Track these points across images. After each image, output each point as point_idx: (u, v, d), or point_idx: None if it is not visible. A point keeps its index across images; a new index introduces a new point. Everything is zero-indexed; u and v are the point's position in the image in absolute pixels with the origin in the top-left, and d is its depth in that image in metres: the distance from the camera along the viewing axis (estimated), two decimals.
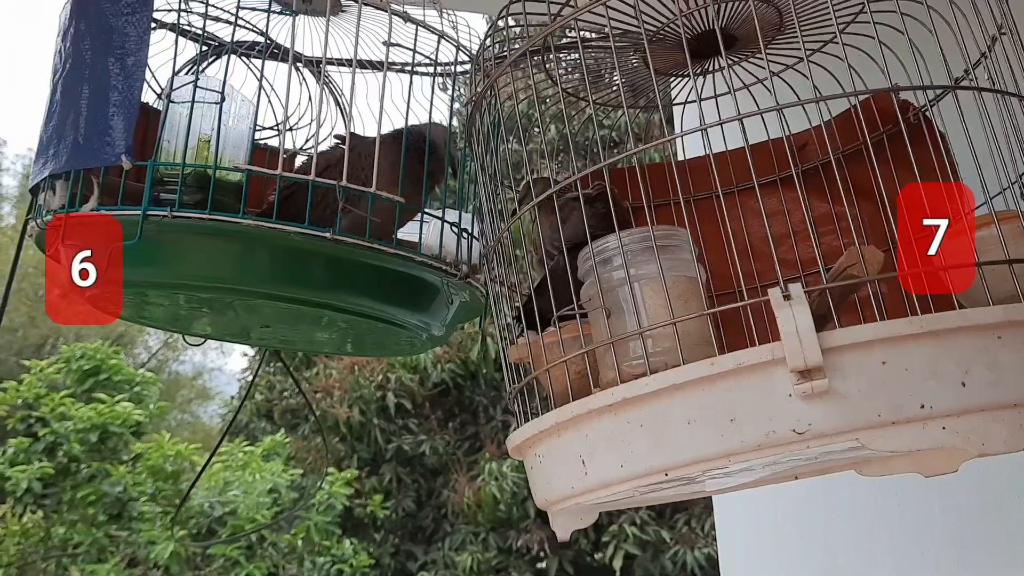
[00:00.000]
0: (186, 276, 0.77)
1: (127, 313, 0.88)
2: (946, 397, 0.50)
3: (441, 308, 0.90)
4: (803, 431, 0.49)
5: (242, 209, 0.75)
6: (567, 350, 0.60)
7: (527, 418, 0.63)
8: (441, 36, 0.91)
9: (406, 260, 0.81)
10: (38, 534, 5.51)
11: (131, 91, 0.78)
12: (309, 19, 0.98)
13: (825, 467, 0.75)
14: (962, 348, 0.51)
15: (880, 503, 1.20)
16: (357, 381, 6.81)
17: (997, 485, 1.05)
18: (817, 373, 0.49)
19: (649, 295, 0.57)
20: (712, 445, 0.50)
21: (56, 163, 0.79)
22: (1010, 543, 1.04)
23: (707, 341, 0.55)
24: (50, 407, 5.63)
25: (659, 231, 0.58)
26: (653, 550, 6.25)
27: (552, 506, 0.61)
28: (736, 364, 0.50)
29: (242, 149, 0.81)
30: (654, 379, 0.51)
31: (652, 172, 0.92)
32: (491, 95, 0.76)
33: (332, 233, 0.75)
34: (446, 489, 6.82)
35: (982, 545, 1.08)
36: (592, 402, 0.54)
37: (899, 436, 0.50)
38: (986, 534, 1.07)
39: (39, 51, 13.51)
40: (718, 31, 0.66)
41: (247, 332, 0.97)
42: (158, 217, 0.72)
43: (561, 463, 0.57)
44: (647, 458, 0.52)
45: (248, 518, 5.76)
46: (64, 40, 0.84)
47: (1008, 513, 1.04)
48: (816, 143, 0.85)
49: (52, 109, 0.82)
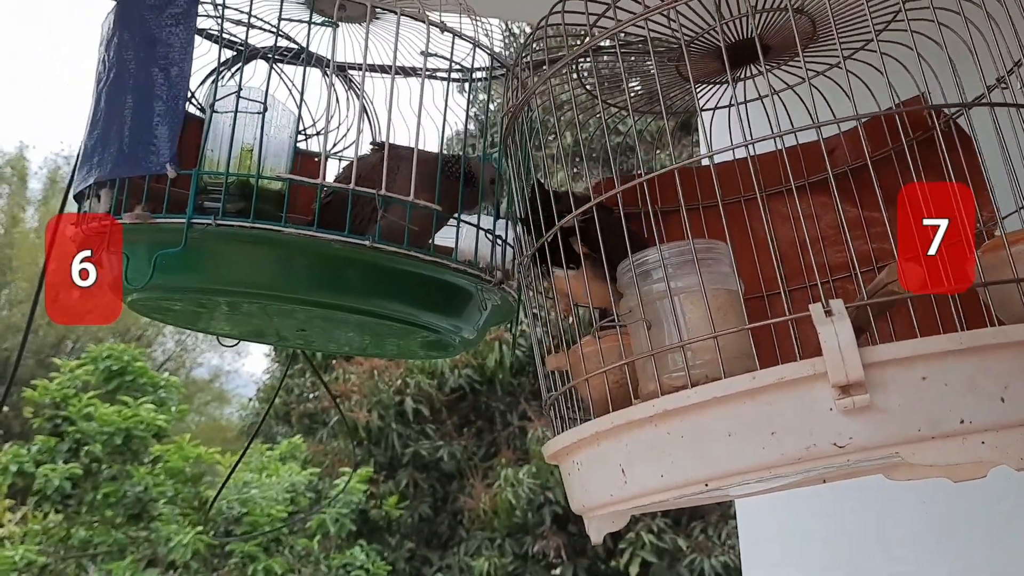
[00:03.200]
0: (229, 282, 0.78)
1: (170, 316, 0.90)
2: (985, 412, 0.50)
3: (474, 312, 0.91)
4: (844, 445, 0.50)
5: (284, 217, 0.76)
6: (606, 360, 0.60)
7: (564, 425, 0.64)
8: (476, 45, 0.92)
9: (442, 267, 0.82)
10: (59, 534, 5.55)
11: (175, 101, 0.79)
12: (344, 27, 0.99)
13: (854, 471, 0.75)
14: (1001, 364, 0.51)
15: (909, 507, 1.20)
16: (376, 386, 6.83)
17: None
18: (858, 388, 0.50)
19: (689, 308, 0.58)
20: (753, 458, 0.51)
21: (101, 171, 0.80)
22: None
23: (747, 354, 0.55)
24: (77, 408, 5.67)
25: (699, 244, 0.58)
26: (669, 558, 6.22)
27: (589, 512, 0.61)
28: (778, 378, 0.51)
29: (283, 158, 0.83)
30: (696, 392, 0.52)
31: (680, 176, 0.93)
32: (527, 105, 0.77)
33: (371, 241, 0.76)
34: (462, 495, 6.82)
35: (1014, 551, 1.07)
36: (633, 413, 0.55)
37: (938, 450, 0.51)
38: (1019, 540, 1.07)
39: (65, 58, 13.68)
40: (757, 39, 0.67)
41: (280, 334, 0.99)
42: (202, 225, 0.74)
43: (600, 471, 0.58)
44: (687, 469, 0.52)
45: (264, 514, 5.79)
46: (108, 49, 0.86)
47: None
48: (845, 148, 0.85)
49: (96, 117, 0.84)
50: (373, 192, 0.76)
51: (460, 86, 0.99)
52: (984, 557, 1.10)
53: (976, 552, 1.11)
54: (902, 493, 1.12)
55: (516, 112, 0.77)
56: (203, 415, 12.25)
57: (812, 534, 1.40)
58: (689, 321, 0.58)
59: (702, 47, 0.81)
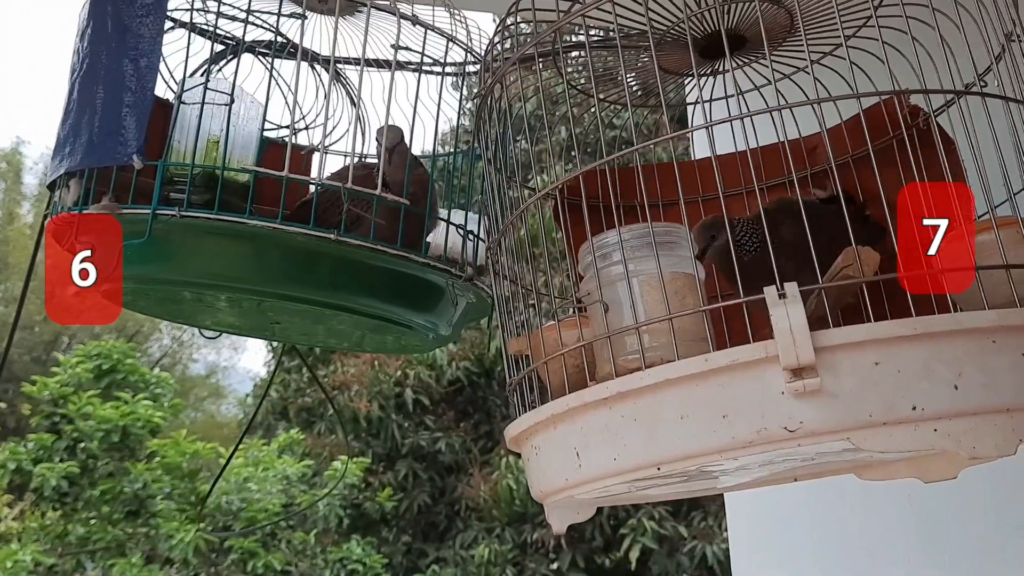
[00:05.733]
0: (194, 274, 0.78)
1: (145, 306, 0.90)
2: (938, 399, 0.50)
3: (447, 308, 0.91)
4: (794, 429, 0.50)
5: (249, 209, 0.76)
6: (564, 344, 0.60)
7: (526, 410, 0.64)
8: (451, 39, 0.92)
9: (409, 262, 0.82)
10: (56, 531, 5.56)
11: (144, 92, 0.80)
12: (326, 19, 0.99)
13: (823, 470, 0.75)
14: (955, 351, 0.51)
15: (895, 503, 1.20)
16: (376, 377, 6.85)
17: (1006, 487, 1.04)
18: (810, 371, 0.50)
19: (646, 290, 0.58)
20: (704, 441, 0.51)
21: (72, 161, 0.81)
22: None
23: (703, 338, 0.56)
24: (77, 406, 5.67)
25: (659, 227, 0.58)
26: (669, 546, 6.24)
27: (547, 498, 0.61)
28: (730, 360, 0.51)
29: (250, 150, 0.83)
30: (648, 373, 0.52)
31: (661, 172, 0.92)
32: (499, 92, 0.77)
33: (336, 234, 0.76)
34: (461, 484, 6.83)
35: (996, 545, 1.07)
36: (587, 395, 0.55)
37: (890, 437, 0.50)
38: (1000, 535, 1.07)
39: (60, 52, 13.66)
40: (723, 33, 0.67)
41: (260, 328, 0.99)
42: (167, 216, 0.74)
43: (556, 455, 0.58)
44: (639, 452, 0.52)
45: (260, 508, 5.80)
46: (82, 40, 0.86)
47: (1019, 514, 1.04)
48: (827, 146, 0.85)
49: (69, 108, 0.84)
50: (338, 185, 0.76)
51: (453, 80, 0.99)
52: (971, 550, 1.11)
53: (964, 547, 1.12)
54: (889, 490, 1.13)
55: (486, 97, 0.77)
56: (199, 411, 12.25)
57: (799, 530, 1.41)
58: (646, 304, 0.58)
59: (679, 38, 0.80)
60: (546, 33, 0.70)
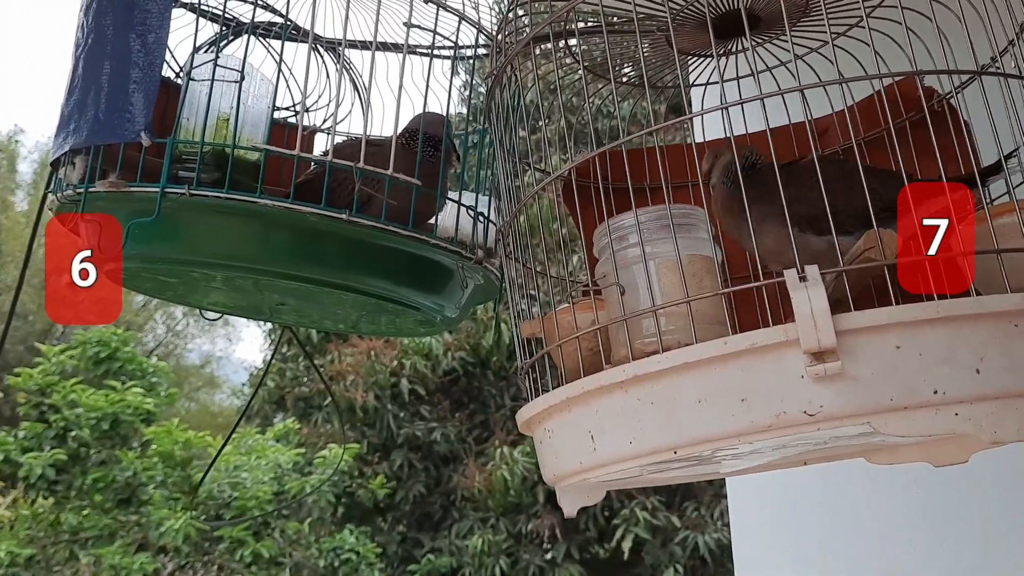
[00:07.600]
0: (203, 253, 0.77)
1: (144, 287, 0.89)
2: (960, 383, 0.49)
3: (455, 291, 0.90)
4: (814, 413, 0.49)
5: (259, 188, 0.75)
6: (579, 327, 0.60)
7: (538, 394, 0.63)
8: (462, 18, 0.91)
9: (420, 242, 0.81)
10: (48, 519, 5.55)
11: (152, 68, 0.78)
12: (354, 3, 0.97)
13: (834, 453, 0.75)
14: (978, 334, 0.50)
15: (901, 488, 1.20)
16: (372, 367, 6.84)
17: (1014, 471, 1.04)
18: (830, 355, 0.49)
19: (664, 272, 0.57)
20: (722, 424, 0.50)
21: (77, 138, 0.79)
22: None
23: (720, 321, 0.55)
24: (62, 394, 5.66)
25: (676, 209, 0.58)
26: (663, 536, 6.26)
27: (560, 481, 0.61)
28: (749, 344, 0.50)
29: (260, 128, 0.82)
30: (666, 357, 0.51)
31: (671, 153, 0.92)
32: (511, 71, 0.76)
33: (348, 214, 0.75)
34: (456, 474, 6.84)
35: (1002, 529, 1.07)
36: (603, 378, 0.54)
37: (911, 421, 0.50)
38: (1007, 519, 1.07)
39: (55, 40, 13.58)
40: (743, 11, 0.66)
41: (262, 308, 0.98)
42: (176, 195, 0.73)
43: (570, 438, 0.57)
44: (656, 435, 0.52)
45: (251, 497, 5.80)
46: (87, 15, 0.85)
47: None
48: (838, 128, 0.85)
49: (74, 83, 0.83)
50: (350, 165, 0.75)
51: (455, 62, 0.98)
52: (979, 537, 1.10)
53: (971, 533, 1.11)
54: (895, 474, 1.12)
55: (498, 77, 0.76)
56: (194, 401, 12.23)
57: (804, 514, 1.40)
58: (663, 286, 0.57)
59: (694, 18, 0.79)
60: (559, 12, 0.69)
